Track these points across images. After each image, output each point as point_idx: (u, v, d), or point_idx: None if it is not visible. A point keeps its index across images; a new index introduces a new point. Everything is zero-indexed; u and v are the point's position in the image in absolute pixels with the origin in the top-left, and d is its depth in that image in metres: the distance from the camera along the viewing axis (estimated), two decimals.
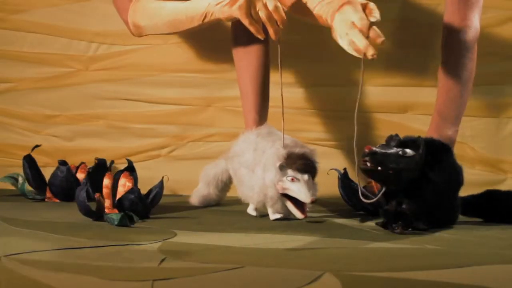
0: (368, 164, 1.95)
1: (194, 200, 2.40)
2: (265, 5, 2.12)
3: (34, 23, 2.73)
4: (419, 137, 2.00)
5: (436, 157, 2.01)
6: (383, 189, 2.00)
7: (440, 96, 2.34)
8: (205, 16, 2.25)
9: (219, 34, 2.64)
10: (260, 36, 2.16)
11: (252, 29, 2.15)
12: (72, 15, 2.70)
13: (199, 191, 2.41)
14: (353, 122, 2.35)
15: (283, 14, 2.12)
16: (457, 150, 2.63)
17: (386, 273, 1.51)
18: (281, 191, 2.07)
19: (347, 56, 2.01)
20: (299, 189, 2.04)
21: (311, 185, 2.06)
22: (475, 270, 1.56)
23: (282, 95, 2.18)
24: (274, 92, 2.52)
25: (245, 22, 2.15)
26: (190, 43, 2.69)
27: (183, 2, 2.33)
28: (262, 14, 2.12)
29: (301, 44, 2.66)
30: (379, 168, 1.94)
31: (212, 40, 2.67)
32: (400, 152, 1.96)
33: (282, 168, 2.06)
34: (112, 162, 2.58)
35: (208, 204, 2.40)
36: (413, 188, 1.98)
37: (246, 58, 2.44)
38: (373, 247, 1.79)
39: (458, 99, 2.34)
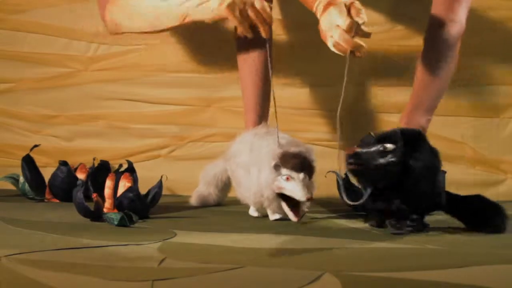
0: (354, 166, 1.96)
1: (194, 200, 2.40)
2: (252, 5, 2.13)
3: (34, 23, 2.73)
4: (394, 130, 2.00)
5: (413, 146, 2.00)
6: (369, 190, 1.99)
7: (418, 86, 2.36)
8: (185, 17, 2.24)
9: (219, 34, 2.64)
10: (249, 35, 2.16)
11: (241, 28, 2.16)
12: (72, 15, 2.70)
13: (199, 191, 2.41)
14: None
15: (271, 13, 2.15)
16: (457, 150, 2.65)
17: (386, 273, 1.51)
18: (276, 191, 2.05)
19: (345, 56, 2.01)
20: (294, 188, 2.02)
21: (307, 184, 2.03)
22: (475, 270, 1.56)
23: (273, 93, 2.18)
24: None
25: (234, 22, 2.16)
26: (190, 43, 2.70)
27: (163, 1, 2.33)
28: (251, 14, 2.13)
29: (301, 44, 2.66)
30: (365, 167, 1.95)
31: (212, 40, 2.67)
32: (381, 148, 1.97)
33: (277, 167, 2.04)
34: (120, 165, 2.56)
35: (208, 204, 2.40)
36: (397, 182, 1.98)
37: (248, 58, 2.44)
38: (373, 247, 1.79)
39: (436, 91, 2.35)
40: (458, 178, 2.59)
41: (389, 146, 1.97)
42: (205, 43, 2.68)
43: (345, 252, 1.74)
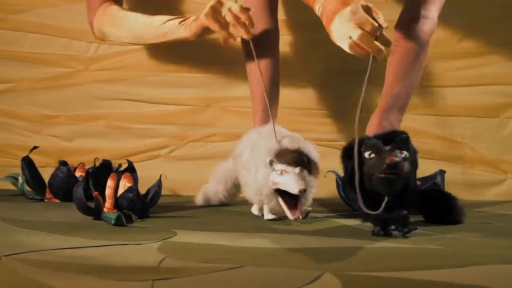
0: (394, 175, 1.92)
1: (200, 197, 2.39)
2: (230, 10, 2.20)
3: (34, 23, 2.73)
4: (397, 133, 1.99)
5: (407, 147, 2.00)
6: (386, 199, 1.95)
7: (390, 86, 2.31)
8: (166, 35, 2.36)
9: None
10: (232, 39, 2.25)
11: (222, 33, 2.24)
12: (72, 15, 2.70)
13: (206, 188, 2.39)
14: (354, 122, 2.35)
15: (249, 15, 2.20)
16: (457, 150, 2.65)
17: (386, 273, 1.51)
18: (272, 187, 2.02)
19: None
20: (287, 181, 1.99)
21: (303, 178, 2.00)
22: (475, 270, 1.56)
23: (264, 91, 2.21)
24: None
25: (215, 28, 2.24)
26: (190, 43, 2.69)
27: (149, 17, 2.43)
28: (229, 18, 2.20)
29: (302, 44, 2.66)
30: (400, 176, 1.93)
31: (213, 41, 2.67)
32: (403, 156, 1.96)
33: (272, 163, 2.02)
34: (120, 165, 2.57)
35: (212, 203, 2.38)
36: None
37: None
38: (373, 247, 1.79)
39: (409, 91, 2.32)
40: (458, 178, 2.59)
41: (406, 153, 1.96)
42: (206, 43, 2.68)
43: (345, 252, 1.74)
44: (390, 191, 1.95)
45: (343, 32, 1.97)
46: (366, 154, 1.98)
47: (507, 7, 2.62)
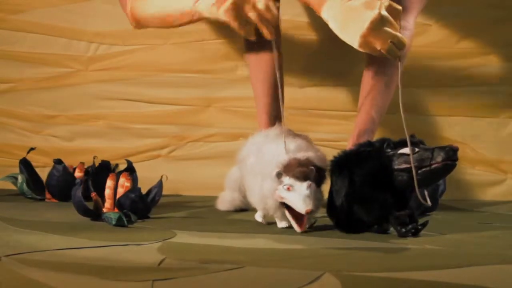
0: (454, 161, 1.92)
1: (221, 205, 2.33)
2: (255, 6, 2.02)
3: (34, 23, 2.73)
4: (413, 136, 2.00)
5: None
6: (426, 192, 1.97)
7: (373, 96, 2.28)
8: (193, 14, 2.13)
9: (220, 34, 2.65)
10: (252, 38, 2.06)
11: (242, 33, 2.05)
12: (72, 15, 2.70)
13: (224, 196, 2.34)
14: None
15: (276, 13, 2.03)
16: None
17: (386, 273, 1.51)
18: (279, 200, 1.95)
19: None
20: (294, 199, 1.92)
21: (311, 194, 1.93)
22: (475, 270, 1.56)
23: (281, 93, 2.14)
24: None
25: (234, 26, 2.04)
26: (190, 43, 2.70)
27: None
28: (252, 16, 2.02)
29: (302, 44, 2.66)
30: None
31: (212, 40, 2.67)
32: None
33: (279, 175, 1.95)
34: (117, 165, 2.57)
35: (235, 209, 2.33)
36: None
37: (258, 57, 2.43)
38: (373, 247, 1.79)
39: (389, 99, 2.31)
40: (458, 178, 2.59)
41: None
42: (205, 43, 2.68)
43: (345, 252, 1.74)
44: (442, 178, 2.02)
45: (385, 36, 1.92)
46: (406, 150, 1.94)
47: (506, 7, 2.61)
